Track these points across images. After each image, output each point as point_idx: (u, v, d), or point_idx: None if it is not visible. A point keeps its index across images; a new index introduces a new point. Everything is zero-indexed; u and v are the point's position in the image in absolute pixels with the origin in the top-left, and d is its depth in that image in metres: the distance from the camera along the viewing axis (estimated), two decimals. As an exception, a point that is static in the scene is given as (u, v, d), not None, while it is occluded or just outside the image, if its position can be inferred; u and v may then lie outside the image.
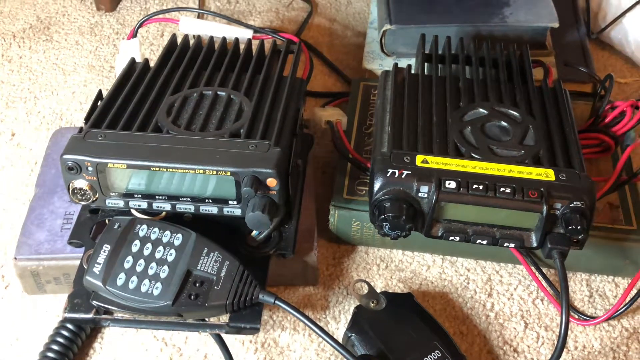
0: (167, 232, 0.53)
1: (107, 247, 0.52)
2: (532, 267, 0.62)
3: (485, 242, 0.54)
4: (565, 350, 0.54)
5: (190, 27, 0.77)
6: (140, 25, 0.77)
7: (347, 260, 0.64)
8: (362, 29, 0.91)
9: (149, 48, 0.88)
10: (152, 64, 0.64)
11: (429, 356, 0.52)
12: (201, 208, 0.54)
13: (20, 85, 0.83)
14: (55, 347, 0.54)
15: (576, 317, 0.59)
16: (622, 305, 0.59)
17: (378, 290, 0.57)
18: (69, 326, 0.55)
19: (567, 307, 0.52)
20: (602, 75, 0.76)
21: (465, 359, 0.53)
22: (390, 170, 0.53)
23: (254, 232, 0.56)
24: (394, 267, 0.63)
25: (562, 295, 0.52)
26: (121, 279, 0.51)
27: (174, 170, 0.52)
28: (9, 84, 0.83)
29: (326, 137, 0.73)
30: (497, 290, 0.62)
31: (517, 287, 0.62)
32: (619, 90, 0.83)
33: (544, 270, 0.62)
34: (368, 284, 0.57)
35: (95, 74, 0.85)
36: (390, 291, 0.59)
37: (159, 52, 0.85)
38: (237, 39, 0.68)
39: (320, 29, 0.92)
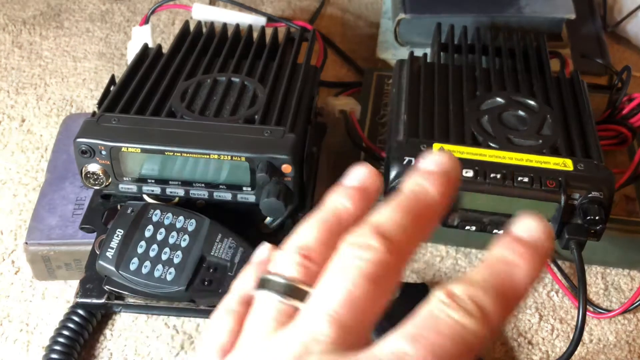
0: (181, 218, 0.53)
1: (120, 232, 0.52)
2: (547, 260, 0.61)
3: (502, 232, 0.53)
4: (580, 343, 0.53)
5: (203, 13, 0.77)
6: (153, 12, 0.77)
7: (359, 250, 0.63)
8: (375, 19, 0.91)
9: (160, 36, 0.88)
10: (164, 51, 0.64)
11: (443, 346, 0.52)
12: (215, 194, 0.54)
13: (30, 71, 0.83)
14: (66, 332, 0.54)
15: (591, 310, 0.59)
16: (637, 299, 0.58)
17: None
18: (80, 312, 0.55)
19: (585, 296, 0.51)
20: (617, 68, 0.75)
21: (479, 350, 0.53)
22: (407, 158, 0.52)
23: (267, 220, 0.56)
24: (407, 257, 0.63)
25: (579, 286, 0.52)
26: (134, 263, 0.50)
27: (188, 155, 0.51)
28: (19, 70, 0.83)
29: (339, 127, 0.72)
30: (511, 282, 0.61)
31: (531, 279, 0.61)
32: (634, 83, 0.82)
33: (559, 262, 0.61)
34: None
35: (105, 61, 0.84)
36: (404, 281, 0.59)
37: (170, 41, 0.85)
38: (250, 26, 0.68)
39: (333, 19, 0.92)
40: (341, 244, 0.26)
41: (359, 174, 0.29)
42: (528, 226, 0.26)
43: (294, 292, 0.26)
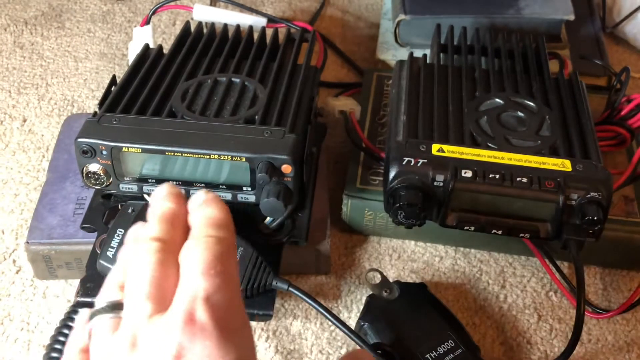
0: (181, 217, 0.53)
1: (120, 232, 0.52)
2: (546, 260, 0.61)
3: (500, 232, 0.54)
4: (578, 343, 0.53)
5: (204, 14, 0.77)
6: (154, 13, 0.78)
7: (359, 250, 0.64)
8: (375, 20, 0.91)
9: (161, 37, 0.88)
10: (165, 51, 0.64)
11: (442, 346, 0.52)
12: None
13: (32, 71, 0.83)
14: (66, 331, 0.54)
15: (590, 310, 0.59)
16: (636, 299, 0.59)
17: (390, 280, 0.57)
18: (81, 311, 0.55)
19: (583, 297, 0.51)
20: (616, 69, 0.76)
21: (478, 350, 0.53)
22: (406, 159, 0.53)
23: (267, 220, 0.56)
24: (406, 257, 0.63)
25: (578, 286, 0.52)
26: (134, 263, 0.50)
27: (188, 155, 0.52)
28: (20, 71, 0.83)
29: (339, 127, 0.73)
30: (510, 282, 0.61)
31: (530, 279, 0.62)
32: (633, 85, 0.82)
33: (558, 262, 0.62)
34: (381, 273, 0.56)
35: (107, 61, 0.85)
36: (403, 281, 0.59)
37: (171, 41, 0.85)
38: (251, 27, 0.68)
39: (333, 20, 0.92)
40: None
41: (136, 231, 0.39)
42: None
43: (118, 307, 0.35)
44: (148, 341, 0.32)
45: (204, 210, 0.37)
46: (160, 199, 0.38)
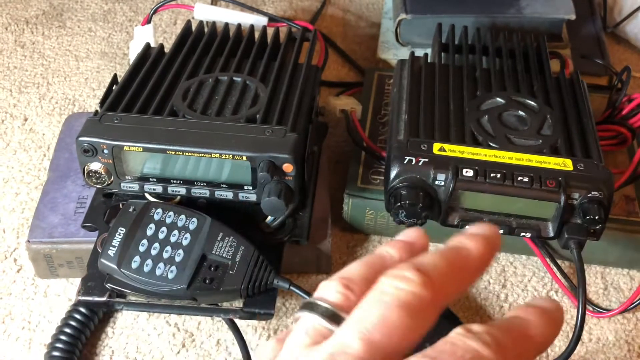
0: (182, 216, 0.53)
1: (122, 230, 0.52)
2: (547, 259, 0.61)
3: (501, 231, 0.54)
4: (579, 342, 0.53)
5: (205, 13, 0.77)
6: (155, 12, 0.78)
7: (360, 249, 0.64)
8: (376, 20, 0.91)
9: (162, 36, 0.88)
10: (166, 50, 0.64)
11: (443, 345, 0.52)
12: (216, 193, 0.54)
13: (33, 70, 0.83)
14: (67, 330, 0.54)
15: (591, 309, 0.59)
16: (637, 298, 0.59)
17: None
18: (82, 310, 0.55)
19: (584, 296, 0.51)
20: (617, 69, 0.76)
21: (479, 349, 0.53)
22: (407, 158, 0.53)
23: (269, 219, 0.56)
24: (407, 256, 0.63)
25: (579, 285, 0.52)
26: (136, 262, 0.51)
27: (190, 154, 0.52)
28: (21, 70, 0.83)
29: (340, 127, 0.73)
30: (511, 282, 0.61)
31: (531, 278, 0.62)
32: (634, 84, 0.82)
33: (559, 262, 0.62)
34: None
35: (108, 60, 0.85)
36: (404, 280, 0.59)
37: (172, 40, 0.85)
38: (252, 26, 0.68)
39: (334, 19, 0.92)
40: (381, 276, 0.28)
41: (409, 233, 0.32)
42: (546, 300, 0.30)
43: (332, 315, 0.28)
44: None
45: (536, 317, 0.28)
46: (464, 237, 0.30)
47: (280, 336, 0.31)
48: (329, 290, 0.29)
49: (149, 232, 0.52)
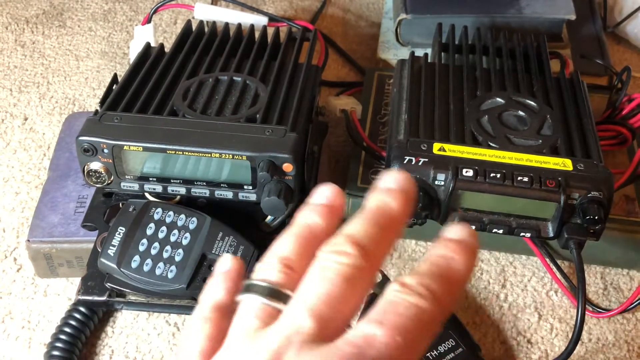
0: (182, 216, 0.53)
1: (121, 230, 0.52)
2: (547, 259, 0.61)
3: (501, 231, 0.54)
4: (579, 342, 0.53)
5: (206, 13, 0.77)
6: (155, 11, 0.78)
7: (360, 249, 0.64)
8: (376, 20, 0.91)
9: (162, 36, 0.88)
10: (166, 50, 0.64)
11: (442, 344, 0.52)
12: (216, 192, 0.54)
13: (33, 70, 0.83)
14: (67, 329, 0.54)
15: (590, 309, 0.59)
16: (636, 299, 0.59)
17: (391, 280, 0.57)
18: (82, 309, 0.55)
19: (584, 296, 0.51)
20: (617, 69, 0.76)
21: (479, 349, 0.53)
22: (407, 158, 0.53)
23: (268, 218, 0.56)
24: (407, 256, 0.63)
25: (578, 285, 0.52)
26: (136, 261, 0.51)
27: (190, 153, 0.52)
28: (22, 69, 0.83)
29: (340, 127, 0.73)
30: (511, 282, 0.61)
31: (531, 278, 0.62)
32: (634, 84, 0.82)
33: (559, 262, 0.62)
34: (382, 272, 0.56)
35: (108, 60, 0.85)
36: (404, 280, 0.59)
37: (172, 40, 0.85)
38: (252, 26, 0.68)
39: (334, 19, 0.92)
40: (319, 252, 0.29)
41: (325, 193, 0.32)
42: (455, 230, 0.31)
43: (277, 294, 0.29)
44: None
45: (449, 257, 0.29)
46: (384, 193, 0.31)
47: (205, 314, 0.31)
48: (268, 271, 0.30)
49: (149, 232, 0.52)
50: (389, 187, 0.31)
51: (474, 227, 0.53)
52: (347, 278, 0.28)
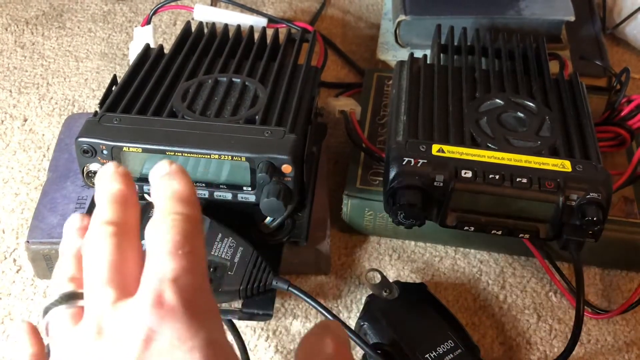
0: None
1: (121, 231, 0.52)
2: (546, 260, 0.61)
3: (500, 232, 0.54)
4: (578, 343, 0.53)
5: (205, 14, 0.77)
6: (155, 13, 0.78)
7: (359, 250, 0.64)
8: (376, 21, 0.91)
9: (161, 37, 0.88)
10: (166, 51, 0.64)
11: (441, 346, 0.52)
12: (215, 194, 0.54)
13: (32, 71, 0.83)
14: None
15: (589, 310, 0.59)
16: (635, 300, 0.59)
17: (390, 281, 0.57)
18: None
19: (583, 297, 0.51)
20: (616, 70, 0.76)
21: (478, 349, 0.53)
22: (406, 159, 0.53)
23: (267, 219, 0.56)
24: (406, 257, 0.63)
25: (577, 286, 0.52)
26: (135, 262, 0.50)
27: (189, 155, 0.52)
28: (21, 70, 0.83)
29: (339, 128, 0.73)
30: (510, 283, 0.61)
31: (530, 279, 0.62)
32: (633, 85, 0.83)
33: (558, 263, 0.62)
34: (381, 273, 0.57)
35: (107, 61, 0.85)
36: (403, 281, 0.59)
37: (171, 41, 0.86)
38: (251, 27, 0.68)
39: (334, 21, 0.92)
40: (82, 245, 0.35)
41: (75, 221, 0.38)
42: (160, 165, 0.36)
43: (73, 295, 0.34)
44: (114, 327, 0.31)
45: (168, 183, 0.35)
46: (107, 181, 0.36)
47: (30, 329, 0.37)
48: (56, 289, 0.35)
49: (148, 233, 0.52)
50: (112, 174, 0.37)
51: (472, 228, 0.54)
52: (113, 246, 0.33)
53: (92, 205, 0.56)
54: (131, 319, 0.31)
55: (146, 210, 0.53)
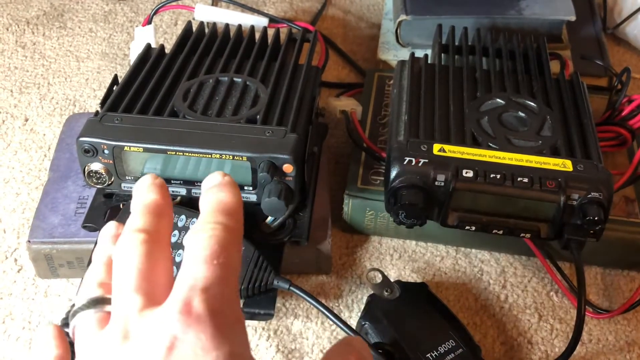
0: (183, 217, 0.53)
1: (122, 231, 0.52)
2: (547, 260, 0.61)
3: (501, 232, 0.54)
4: (579, 343, 0.53)
5: (206, 14, 0.77)
6: (156, 12, 0.78)
7: (360, 249, 0.64)
8: (376, 21, 0.91)
9: (162, 37, 0.88)
10: (167, 51, 0.64)
11: (442, 345, 0.52)
12: (216, 193, 0.54)
13: (33, 71, 0.83)
14: (67, 330, 0.54)
15: (591, 310, 0.59)
16: (637, 299, 0.59)
17: (391, 280, 0.57)
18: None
19: (584, 297, 0.51)
20: (617, 70, 0.76)
21: (479, 349, 0.53)
22: (407, 159, 0.53)
23: (269, 219, 0.56)
24: (407, 257, 0.63)
25: (578, 286, 0.52)
26: (136, 262, 0.50)
27: (190, 154, 0.52)
28: (22, 70, 0.83)
29: (340, 127, 0.73)
30: (511, 282, 0.61)
31: (531, 279, 0.62)
32: (634, 85, 0.83)
33: (559, 262, 0.62)
34: (382, 272, 0.56)
35: (108, 61, 0.85)
36: (404, 281, 0.59)
37: (172, 41, 0.86)
38: (252, 27, 0.68)
39: (335, 21, 0.92)
40: (113, 252, 0.35)
41: (110, 229, 0.39)
42: (211, 178, 0.37)
43: (101, 301, 0.35)
44: (140, 333, 0.31)
45: (216, 194, 0.36)
46: (143, 191, 0.37)
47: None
48: (85, 293, 0.36)
49: (149, 233, 0.52)
50: (148, 185, 0.38)
51: (473, 227, 0.54)
52: (144, 254, 0.33)
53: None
54: (157, 324, 0.31)
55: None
